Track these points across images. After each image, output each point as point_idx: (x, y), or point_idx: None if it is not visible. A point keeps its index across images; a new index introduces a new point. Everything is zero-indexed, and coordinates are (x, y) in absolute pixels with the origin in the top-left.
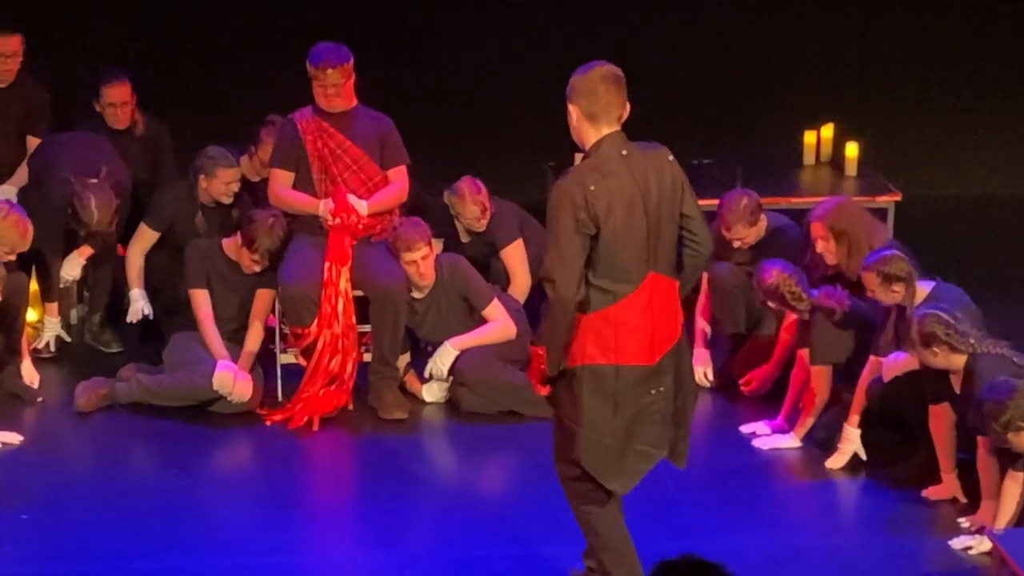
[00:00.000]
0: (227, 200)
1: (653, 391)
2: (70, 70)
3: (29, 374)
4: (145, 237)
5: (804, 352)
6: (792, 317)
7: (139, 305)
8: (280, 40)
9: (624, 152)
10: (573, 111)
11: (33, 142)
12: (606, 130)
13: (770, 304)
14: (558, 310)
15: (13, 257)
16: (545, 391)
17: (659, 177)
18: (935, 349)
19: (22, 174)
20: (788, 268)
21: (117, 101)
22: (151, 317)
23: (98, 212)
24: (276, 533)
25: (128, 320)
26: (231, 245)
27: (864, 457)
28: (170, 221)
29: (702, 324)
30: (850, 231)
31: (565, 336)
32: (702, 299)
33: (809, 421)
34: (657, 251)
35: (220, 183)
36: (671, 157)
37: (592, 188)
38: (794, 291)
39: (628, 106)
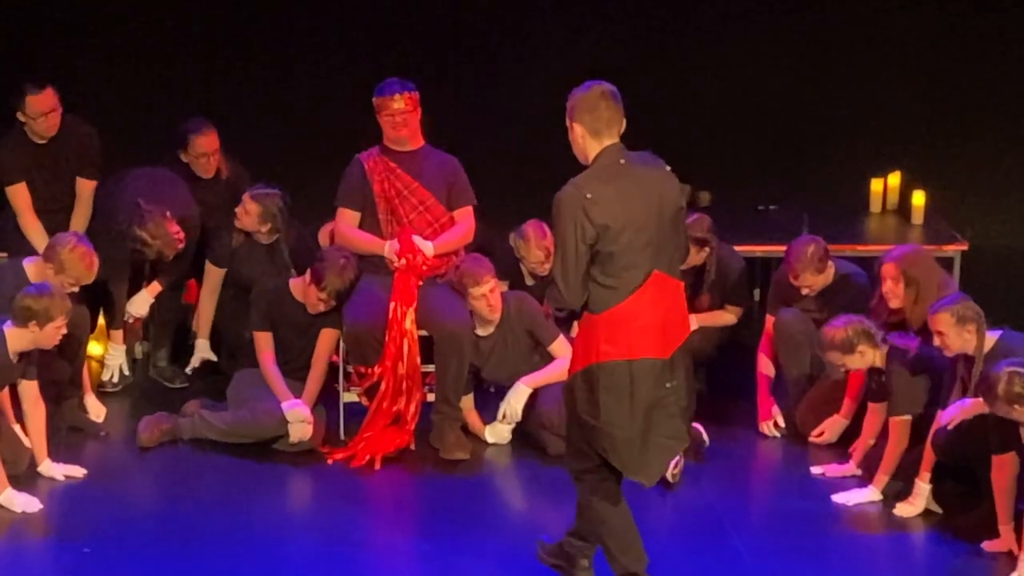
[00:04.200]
0: (259, 229)
1: (668, 384)
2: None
3: (95, 409)
4: (212, 275)
5: (876, 406)
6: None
7: (202, 353)
8: (346, 82)
9: (622, 160)
10: (577, 128)
11: (83, 183)
12: (608, 142)
13: (844, 362)
14: (567, 305)
15: (77, 289)
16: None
17: (660, 183)
18: (1018, 407)
19: (84, 216)
20: (854, 317)
21: (209, 150)
22: (213, 359)
23: (156, 238)
24: (337, 572)
25: (190, 367)
26: (298, 285)
27: (939, 510)
28: (231, 258)
29: (766, 370)
30: (921, 280)
31: None
32: (764, 343)
33: (889, 475)
34: (660, 252)
35: (242, 210)
36: (668, 168)
37: (589, 196)
38: (867, 330)
39: (625, 121)
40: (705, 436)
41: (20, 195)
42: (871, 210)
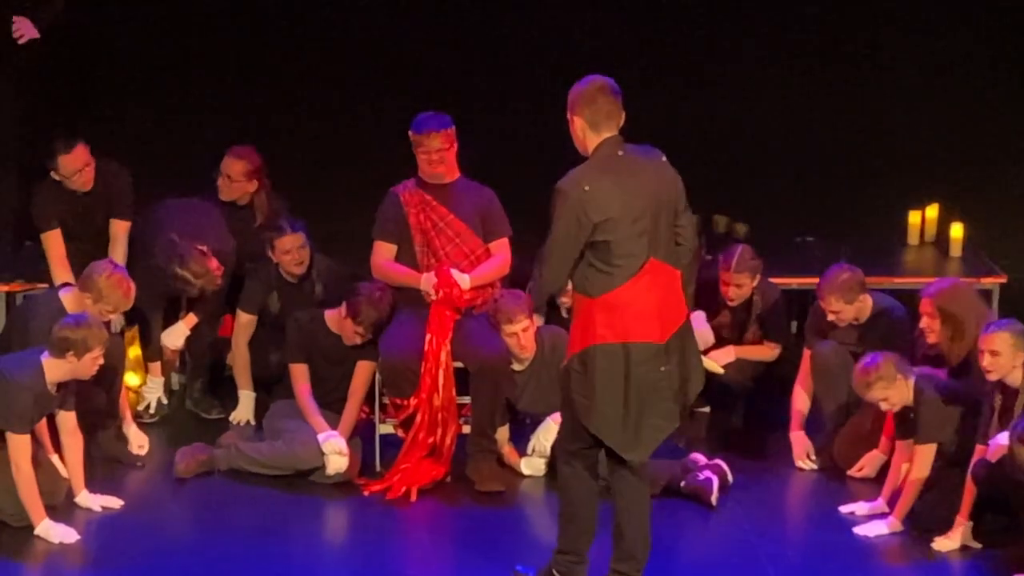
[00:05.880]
0: (298, 270)
1: (663, 368)
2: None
3: (137, 438)
4: (244, 323)
5: (904, 443)
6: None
7: (243, 413)
8: (383, 115)
9: (620, 152)
10: (577, 121)
11: (117, 224)
12: (606, 135)
13: (887, 396)
14: (544, 290)
15: (114, 317)
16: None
17: (657, 173)
18: None
19: (120, 256)
20: (878, 355)
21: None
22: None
23: (199, 277)
24: None
25: (231, 420)
26: (333, 317)
27: (977, 545)
28: (263, 303)
29: (800, 404)
30: (958, 315)
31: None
32: (801, 376)
33: (909, 503)
34: (656, 239)
35: (280, 253)
36: (664, 158)
37: (587, 188)
38: (896, 364)
39: (623, 114)
40: (730, 475)
41: (54, 242)
42: (909, 242)
